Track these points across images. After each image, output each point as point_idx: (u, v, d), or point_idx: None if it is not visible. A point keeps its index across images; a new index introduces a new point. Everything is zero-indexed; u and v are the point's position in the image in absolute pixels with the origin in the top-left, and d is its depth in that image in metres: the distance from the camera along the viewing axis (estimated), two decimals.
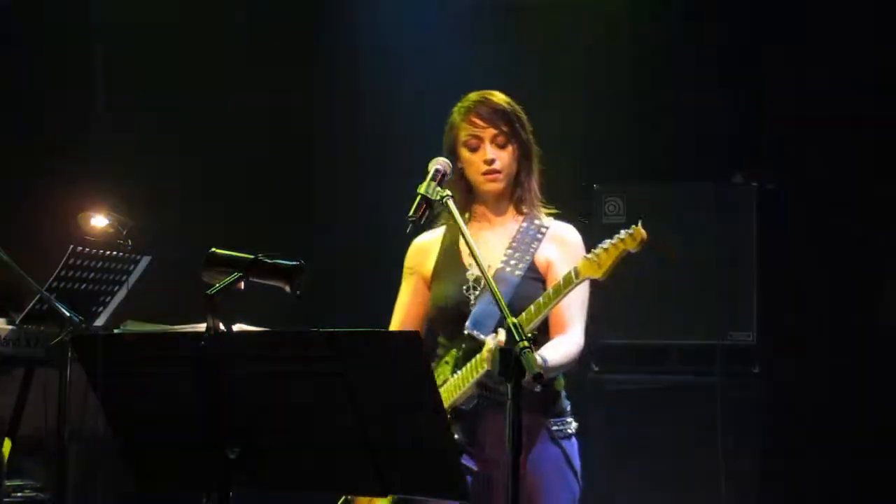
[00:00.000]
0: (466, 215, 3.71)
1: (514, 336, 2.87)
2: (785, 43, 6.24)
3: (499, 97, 3.71)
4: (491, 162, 3.65)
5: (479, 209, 3.74)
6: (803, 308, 6.09)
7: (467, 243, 3.25)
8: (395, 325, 3.80)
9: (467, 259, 3.69)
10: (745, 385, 5.70)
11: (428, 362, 2.73)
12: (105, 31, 6.75)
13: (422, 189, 3.42)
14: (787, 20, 6.24)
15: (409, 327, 3.75)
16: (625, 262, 4.41)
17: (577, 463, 3.68)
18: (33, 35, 6.61)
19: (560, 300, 3.45)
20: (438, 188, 3.42)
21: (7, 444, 5.31)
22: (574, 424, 3.70)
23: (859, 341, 6.04)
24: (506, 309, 2.98)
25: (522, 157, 3.71)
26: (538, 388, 3.43)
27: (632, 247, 3.52)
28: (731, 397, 5.63)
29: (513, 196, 3.74)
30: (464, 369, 3.52)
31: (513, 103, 3.73)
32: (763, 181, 5.89)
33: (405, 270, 3.84)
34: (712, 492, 5.55)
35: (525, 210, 3.73)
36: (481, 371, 3.46)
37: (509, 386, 2.80)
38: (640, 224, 3.52)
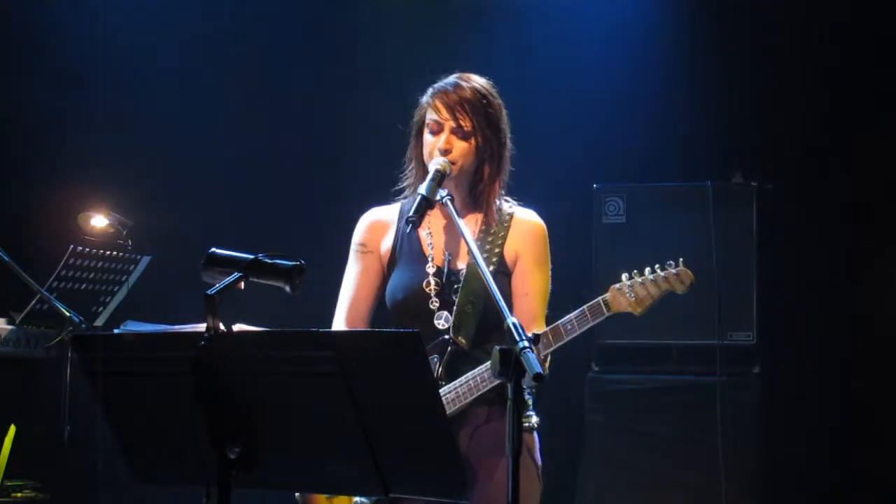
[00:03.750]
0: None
1: (513, 336, 2.85)
2: (785, 43, 6.24)
3: (472, 86, 3.56)
4: (445, 152, 3.50)
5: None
6: (803, 308, 6.10)
7: (467, 243, 3.22)
8: (344, 305, 3.67)
9: (428, 250, 3.61)
10: (745, 385, 5.70)
11: (428, 362, 2.72)
12: (106, 31, 6.75)
13: (422, 189, 3.41)
14: (785, 21, 6.24)
15: (359, 308, 3.65)
16: (624, 262, 4.37)
17: (538, 457, 3.58)
18: (34, 35, 6.61)
19: (585, 330, 3.43)
20: (438, 188, 3.42)
21: (7, 443, 5.30)
22: (535, 419, 3.55)
23: (859, 341, 6.04)
24: (506, 309, 2.95)
25: (486, 155, 3.56)
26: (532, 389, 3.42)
27: (680, 290, 3.50)
28: (731, 397, 5.63)
29: (472, 191, 3.61)
30: (464, 384, 3.46)
31: (489, 95, 3.57)
32: (763, 181, 5.89)
33: (358, 247, 3.69)
34: (712, 492, 5.55)
35: (482, 206, 3.60)
36: (487, 386, 3.42)
37: (509, 386, 2.78)
38: (682, 263, 3.48)
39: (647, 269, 3.50)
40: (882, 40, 6.10)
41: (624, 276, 3.48)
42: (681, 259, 3.51)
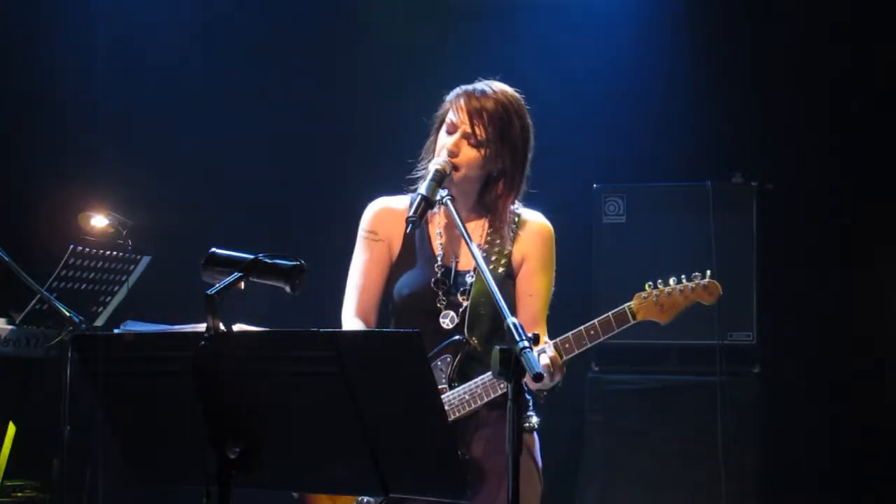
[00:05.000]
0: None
1: (513, 335, 2.84)
2: (785, 43, 6.24)
3: (497, 98, 3.53)
4: (452, 154, 3.49)
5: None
6: (803, 308, 6.10)
7: (468, 246, 3.22)
8: (354, 294, 3.64)
9: (438, 249, 3.62)
10: (745, 385, 5.70)
11: (428, 362, 2.71)
12: (107, 31, 6.75)
13: (422, 189, 3.40)
14: (786, 21, 6.24)
15: (370, 297, 3.63)
16: (624, 262, 4.40)
17: (538, 458, 3.59)
18: (35, 35, 6.61)
19: (608, 337, 3.44)
20: (439, 188, 3.41)
21: (7, 442, 5.30)
22: (535, 419, 3.56)
23: (858, 341, 6.04)
24: (506, 309, 2.95)
25: (495, 168, 3.55)
26: (541, 400, 3.43)
27: (708, 302, 3.50)
28: (731, 397, 5.63)
29: (480, 197, 3.61)
30: (479, 385, 3.46)
31: (513, 112, 3.54)
32: (763, 181, 5.89)
33: (367, 234, 3.66)
34: (712, 492, 5.55)
35: (491, 217, 3.61)
36: (503, 388, 3.42)
37: (509, 386, 2.78)
38: (709, 275, 3.50)
39: (673, 280, 3.50)
40: (883, 40, 6.10)
41: (648, 285, 3.48)
42: (708, 271, 3.51)
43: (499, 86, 3.59)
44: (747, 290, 5.75)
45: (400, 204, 3.68)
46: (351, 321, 3.63)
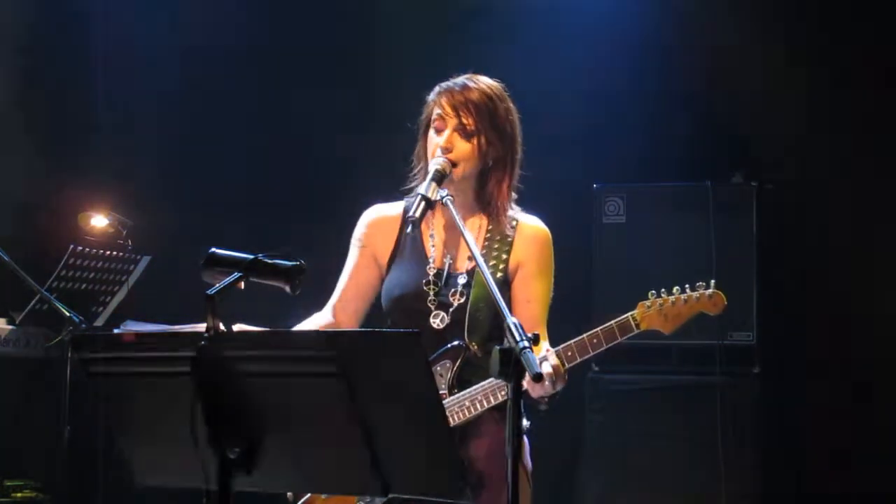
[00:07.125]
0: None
1: (513, 336, 2.84)
2: (785, 43, 6.24)
3: (479, 88, 3.53)
4: (446, 150, 3.48)
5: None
6: (803, 308, 6.10)
7: (469, 246, 3.22)
8: (335, 294, 3.69)
9: (430, 250, 3.60)
10: (745, 385, 5.70)
11: (428, 362, 2.71)
12: (106, 31, 6.76)
13: (422, 189, 3.40)
14: (786, 20, 6.24)
15: (348, 299, 3.67)
16: (624, 262, 4.34)
17: (528, 460, 3.57)
18: (33, 34, 6.61)
19: (611, 346, 3.42)
20: (438, 188, 3.41)
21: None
22: (525, 423, 3.49)
23: (858, 341, 6.04)
24: (506, 309, 2.95)
25: (491, 158, 3.54)
26: (544, 407, 3.42)
27: (713, 313, 3.51)
28: (731, 397, 5.63)
29: (478, 195, 3.60)
30: (481, 391, 3.45)
31: (496, 98, 3.54)
32: (763, 181, 5.89)
33: (355, 241, 3.70)
34: (712, 492, 5.55)
35: (490, 211, 3.60)
36: (500, 397, 3.41)
37: (509, 386, 2.78)
38: (713, 286, 3.50)
39: (676, 288, 3.48)
40: (883, 40, 6.10)
41: (651, 294, 3.46)
42: (712, 281, 3.50)
43: (476, 76, 3.60)
44: (747, 290, 5.75)
45: (393, 210, 3.69)
46: (321, 312, 3.69)
